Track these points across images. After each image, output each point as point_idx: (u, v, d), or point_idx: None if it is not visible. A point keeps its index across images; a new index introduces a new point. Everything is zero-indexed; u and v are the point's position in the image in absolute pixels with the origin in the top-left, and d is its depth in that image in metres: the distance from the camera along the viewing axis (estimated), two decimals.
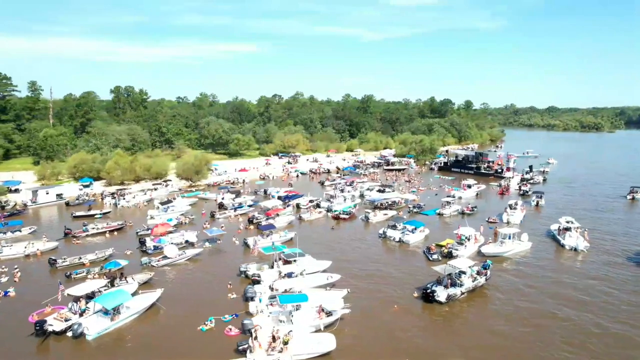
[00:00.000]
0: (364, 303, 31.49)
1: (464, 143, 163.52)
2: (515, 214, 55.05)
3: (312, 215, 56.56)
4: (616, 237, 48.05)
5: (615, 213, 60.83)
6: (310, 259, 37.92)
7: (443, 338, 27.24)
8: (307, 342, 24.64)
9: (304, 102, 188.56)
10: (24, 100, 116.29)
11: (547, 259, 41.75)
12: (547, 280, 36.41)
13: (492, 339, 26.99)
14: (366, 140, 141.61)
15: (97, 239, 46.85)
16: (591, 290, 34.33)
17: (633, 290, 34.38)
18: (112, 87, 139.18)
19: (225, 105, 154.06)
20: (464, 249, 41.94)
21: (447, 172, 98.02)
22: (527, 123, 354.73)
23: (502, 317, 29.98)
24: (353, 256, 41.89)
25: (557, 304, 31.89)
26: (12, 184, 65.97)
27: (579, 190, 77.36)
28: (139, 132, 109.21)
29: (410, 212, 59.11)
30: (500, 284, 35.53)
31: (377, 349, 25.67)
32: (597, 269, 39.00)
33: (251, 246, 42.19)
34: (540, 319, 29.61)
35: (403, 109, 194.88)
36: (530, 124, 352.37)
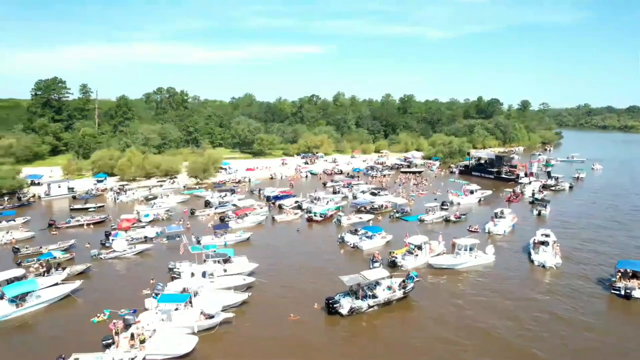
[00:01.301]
0: (264, 309, 30.99)
1: (508, 146, 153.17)
2: (501, 223, 50.62)
3: (289, 217, 56.36)
4: (603, 259, 42.22)
5: (627, 231, 53.38)
6: (242, 260, 37.92)
7: (311, 353, 25.96)
8: (166, 342, 24.77)
9: (342, 103, 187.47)
10: (76, 101, 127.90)
11: (503, 275, 37.94)
12: (480, 299, 33.18)
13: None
14: (397, 141, 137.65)
15: (75, 230, 50.44)
16: (519, 313, 30.71)
17: (568, 321, 30.13)
18: (155, 89, 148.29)
19: (261, 105, 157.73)
20: (413, 259, 39.54)
21: (467, 176, 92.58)
22: (601, 125, 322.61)
23: (401, 336, 27.95)
24: (295, 260, 41.03)
25: (472, 325, 29.02)
26: (35, 178, 73.12)
27: (607, 201, 69.02)
28: (170, 130, 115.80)
29: (391, 217, 56.78)
30: (425, 299, 33.04)
31: (241, 355, 25.24)
32: (550, 290, 34.71)
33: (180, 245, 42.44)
34: (444, 345, 27.10)
35: (446, 109, 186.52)
36: (604, 125, 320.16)
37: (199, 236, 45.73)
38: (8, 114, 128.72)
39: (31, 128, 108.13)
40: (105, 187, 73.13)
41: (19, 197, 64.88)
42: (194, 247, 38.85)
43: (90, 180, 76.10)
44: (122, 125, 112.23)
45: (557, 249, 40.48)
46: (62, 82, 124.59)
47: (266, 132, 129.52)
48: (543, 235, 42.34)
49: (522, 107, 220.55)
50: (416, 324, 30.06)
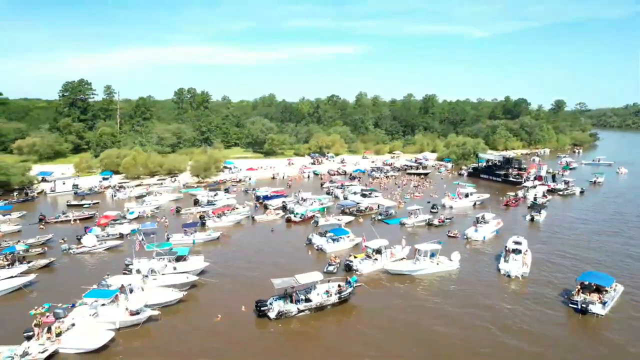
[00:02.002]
0: (200, 308, 31.24)
1: (533, 147, 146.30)
2: (482, 229, 48.35)
3: (270, 217, 56.47)
4: (580, 269, 39.36)
5: (622, 240, 49.34)
6: (197, 259, 38.37)
7: (224, 354, 25.79)
8: (81, 337, 25.41)
9: (363, 103, 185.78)
10: (100, 102, 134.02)
11: (463, 283, 36.17)
12: (429, 306, 31.94)
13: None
14: (412, 142, 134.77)
15: (62, 225, 52.78)
16: (466, 322, 29.23)
17: (515, 332, 28.29)
18: (176, 89, 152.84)
19: (278, 105, 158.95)
20: (371, 263, 38.54)
21: (476, 178, 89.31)
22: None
23: (329, 340, 27.34)
24: (256, 260, 40.93)
25: (408, 332, 27.93)
26: (45, 175, 77.26)
27: (615, 208, 64.27)
28: (185, 130, 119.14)
29: (373, 220, 55.63)
30: (369, 304, 32.12)
31: (159, 353, 25.56)
32: (506, 301, 32.72)
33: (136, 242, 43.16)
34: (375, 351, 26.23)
35: (471, 110, 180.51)
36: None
37: (171, 234, 46.70)
38: (39, 114, 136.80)
39: (56, 127, 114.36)
40: (109, 184, 76.11)
41: (26, 192, 68.71)
42: (149, 245, 39.66)
43: (97, 178, 79.45)
44: (137, 125, 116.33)
45: (525, 257, 38.14)
46: (88, 83, 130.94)
47: (280, 132, 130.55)
48: (514, 242, 40.01)
49: (556, 107, 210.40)
50: (350, 329, 29.27)
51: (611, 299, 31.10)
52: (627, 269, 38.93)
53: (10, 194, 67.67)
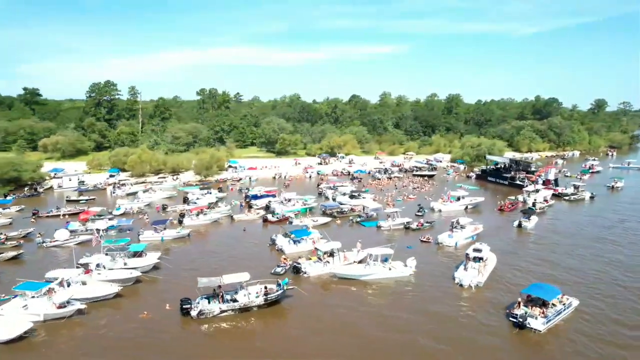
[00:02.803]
0: (132, 303, 31.89)
1: (561, 149, 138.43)
2: (456, 234, 46.22)
3: (249, 216, 56.80)
4: (545, 280, 36.84)
5: (611, 250, 45.57)
6: (154, 255, 39.23)
7: (136, 351, 26.08)
8: (1, 328, 26.54)
9: (387, 102, 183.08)
10: (125, 102, 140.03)
11: (412, 290, 34.73)
12: (367, 311, 30.92)
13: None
14: (429, 143, 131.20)
15: (52, 220, 55.43)
16: (398, 331, 28.06)
17: (446, 344, 26.76)
18: (199, 89, 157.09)
19: (296, 105, 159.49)
20: (321, 266, 37.83)
21: (483, 181, 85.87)
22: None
23: (244, 342, 27.14)
24: (215, 259, 41.21)
25: (333, 338, 27.22)
26: (56, 171, 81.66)
27: (622, 216, 59.42)
28: (200, 130, 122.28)
29: (350, 222, 54.65)
30: (305, 307, 31.55)
31: (71, 347, 26.35)
32: (446, 311, 30.98)
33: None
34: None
35: (497, 110, 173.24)
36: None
37: (143, 231, 47.99)
38: (70, 113, 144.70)
39: (81, 126, 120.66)
40: (114, 181, 79.34)
41: (35, 188, 72.97)
42: (106, 240, 40.92)
43: (105, 175, 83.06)
44: (153, 125, 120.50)
45: (483, 266, 36.02)
46: (113, 84, 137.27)
47: (295, 132, 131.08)
48: (475, 250, 37.88)
49: (595, 107, 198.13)
50: (276, 330, 28.93)
51: (556, 313, 28.75)
52: (597, 282, 35.91)
53: (21, 189, 72.12)
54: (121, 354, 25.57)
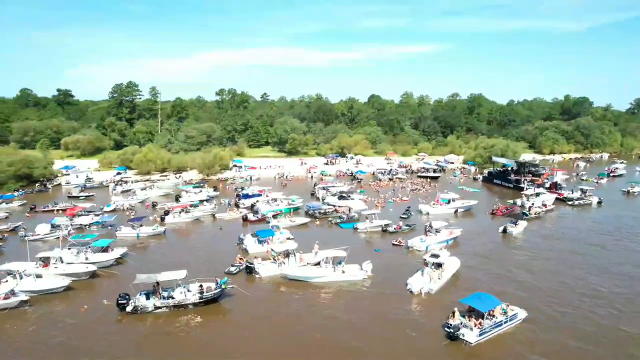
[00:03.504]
0: (77, 297, 32.88)
1: (588, 152, 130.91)
2: (429, 238, 44.62)
3: (230, 215, 57.30)
4: (507, 291, 34.87)
5: (596, 261, 42.54)
6: (119, 251, 40.41)
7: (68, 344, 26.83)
8: None
9: (409, 102, 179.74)
10: (145, 102, 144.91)
11: (359, 295, 33.85)
12: (301, 314, 30.49)
13: None
14: (444, 144, 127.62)
15: (46, 215, 58.02)
16: (324, 331, 27.51)
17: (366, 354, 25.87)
18: (218, 90, 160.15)
19: (312, 105, 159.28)
20: (275, 267, 37.57)
21: (489, 184, 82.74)
22: None
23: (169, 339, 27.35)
24: (175, 256, 41.71)
25: (260, 340, 27.03)
26: (67, 168, 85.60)
27: (625, 223, 55.48)
28: (215, 129, 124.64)
29: (329, 223, 54.02)
30: (237, 306, 31.55)
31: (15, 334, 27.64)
32: (385, 318, 29.88)
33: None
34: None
35: (523, 110, 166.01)
36: None
37: (120, 227, 49.44)
38: (95, 113, 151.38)
39: (102, 125, 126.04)
40: (115, 179, 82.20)
41: (44, 184, 76.84)
42: (74, 235, 42.40)
43: (112, 172, 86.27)
44: (169, 125, 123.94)
45: (433, 273, 34.51)
46: (135, 85, 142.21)
47: (308, 132, 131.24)
48: (432, 255, 36.37)
49: (635, 107, 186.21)
50: (209, 328, 28.84)
51: (495, 325, 27.09)
52: (560, 293, 33.61)
53: (32, 185, 76.16)
54: (46, 346, 26.37)
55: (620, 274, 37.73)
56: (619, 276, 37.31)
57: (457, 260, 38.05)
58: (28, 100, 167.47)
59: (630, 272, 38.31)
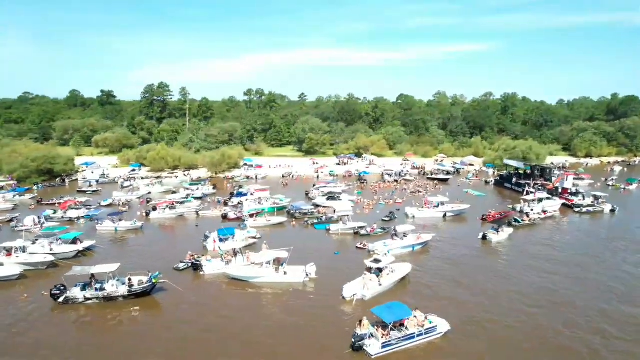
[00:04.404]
0: (23, 285, 34.84)
1: (632, 155, 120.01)
2: (392, 243, 42.90)
3: (213, 212, 58.27)
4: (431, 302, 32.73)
5: (576, 275, 38.81)
6: (88, 243, 42.46)
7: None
8: None
9: (441, 102, 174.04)
10: (175, 102, 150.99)
11: (291, 297, 33.13)
12: (223, 313, 30.37)
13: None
14: (468, 145, 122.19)
15: (50, 208, 62.01)
16: (235, 330, 27.17)
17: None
18: (245, 90, 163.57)
19: (335, 105, 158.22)
20: (222, 265, 37.77)
21: (500, 188, 78.29)
22: None
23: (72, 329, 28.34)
24: (142, 250, 43.36)
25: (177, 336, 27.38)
26: (87, 165, 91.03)
27: (631, 236, 50.35)
28: (236, 129, 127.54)
29: (305, 223, 53.47)
30: (167, 301, 32.04)
31: None
32: (307, 322, 29.08)
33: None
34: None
35: (563, 110, 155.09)
36: None
37: (102, 221, 51.77)
38: (130, 113, 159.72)
39: (132, 124, 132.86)
40: (136, 175, 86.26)
41: (63, 179, 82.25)
42: (46, 228, 44.91)
43: (127, 169, 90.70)
44: (194, 124, 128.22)
45: (369, 280, 33.03)
46: (166, 86, 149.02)
47: (329, 132, 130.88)
48: (373, 260, 34.84)
49: None
50: (132, 324, 29.48)
51: (405, 338, 25.49)
52: (502, 309, 30.98)
53: (53, 180, 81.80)
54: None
55: (571, 300, 34.11)
56: (570, 305, 33.79)
57: (407, 266, 36.36)
58: (76, 100, 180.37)
59: (582, 300, 34.11)
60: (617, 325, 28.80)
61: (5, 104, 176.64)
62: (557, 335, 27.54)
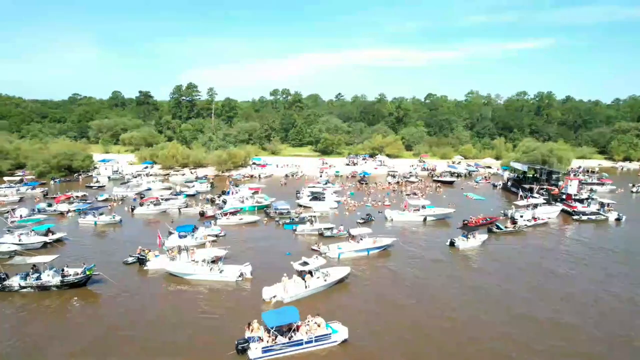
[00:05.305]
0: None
1: None
2: (345, 246, 41.62)
3: (195, 209, 59.46)
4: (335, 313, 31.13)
5: (540, 291, 35.55)
6: (57, 235, 44.95)
7: None
8: None
9: (474, 102, 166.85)
10: (203, 102, 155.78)
11: (214, 296, 33.01)
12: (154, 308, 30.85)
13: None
14: (490, 147, 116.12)
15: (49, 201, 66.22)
16: (143, 326, 27.60)
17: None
18: (271, 90, 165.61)
19: (359, 104, 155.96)
20: (167, 261, 38.43)
21: (506, 192, 73.79)
22: None
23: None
24: (109, 245, 45.11)
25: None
26: (103, 162, 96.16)
27: (626, 248, 45.42)
28: (256, 128, 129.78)
29: (277, 223, 53.21)
30: (103, 293, 33.09)
31: None
32: (215, 320, 28.88)
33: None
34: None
35: (601, 110, 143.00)
36: None
37: (85, 216, 54.42)
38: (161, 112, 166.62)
39: (159, 123, 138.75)
40: (147, 172, 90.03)
41: (79, 174, 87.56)
42: (21, 220, 47.80)
43: (141, 166, 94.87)
44: (214, 123, 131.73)
45: (289, 283, 32.12)
46: (194, 86, 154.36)
47: (348, 132, 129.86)
48: (302, 263, 33.83)
49: None
50: (66, 314, 30.74)
51: (289, 344, 24.54)
52: (422, 320, 29.00)
53: (71, 175, 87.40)
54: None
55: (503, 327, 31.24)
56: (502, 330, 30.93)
57: (344, 270, 35.11)
58: (117, 100, 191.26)
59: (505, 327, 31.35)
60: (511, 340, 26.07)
61: (55, 104, 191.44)
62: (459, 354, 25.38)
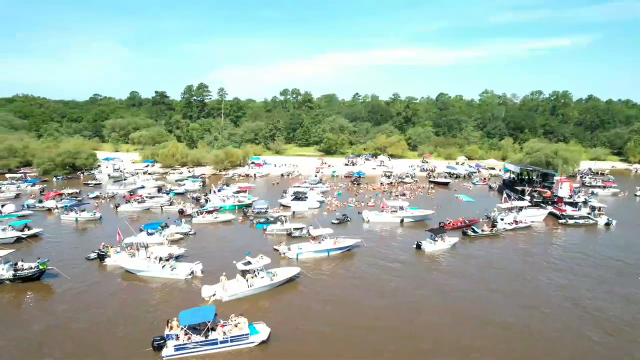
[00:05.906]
0: None
1: None
2: (306, 246, 41.17)
3: (177, 207, 60.16)
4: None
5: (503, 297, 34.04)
6: (34, 230, 46.46)
7: None
8: None
9: (488, 101, 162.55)
10: (213, 102, 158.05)
11: (160, 293, 33.24)
12: (106, 302, 31.37)
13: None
14: (497, 147, 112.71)
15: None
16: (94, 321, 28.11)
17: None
18: (281, 90, 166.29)
19: (367, 104, 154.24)
20: (126, 257, 38.93)
21: (501, 194, 71.37)
22: None
23: None
24: (84, 239, 46.35)
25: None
26: (108, 160, 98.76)
27: (614, 255, 43.02)
28: (262, 128, 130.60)
29: (251, 222, 53.23)
30: (51, 288, 33.84)
31: None
32: (152, 315, 29.04)
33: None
34: None
35: (621, 110, 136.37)
36: None
37: (68, 212, 55.89)
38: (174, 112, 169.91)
39: (169, 122, 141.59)
40: (147, 170, 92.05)
41: (82, 172, 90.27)
42: (1, 215, 49.53)
43: (142, 165, 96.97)
44: (221, 122, 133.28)
45: (225, 282, 31.93)
46: (205, 86, 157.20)
47: (354, 131, 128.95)
48: (245, 262, 33.54)
49: None
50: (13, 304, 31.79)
51: (204, 343, 24.35)
52: (356, 323, 28.23)
53: (75, 173, 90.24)
54: None
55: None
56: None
57: (293, 270, 34.80)
58: (134, 100, 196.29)
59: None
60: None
61: (76, 104, 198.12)
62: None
